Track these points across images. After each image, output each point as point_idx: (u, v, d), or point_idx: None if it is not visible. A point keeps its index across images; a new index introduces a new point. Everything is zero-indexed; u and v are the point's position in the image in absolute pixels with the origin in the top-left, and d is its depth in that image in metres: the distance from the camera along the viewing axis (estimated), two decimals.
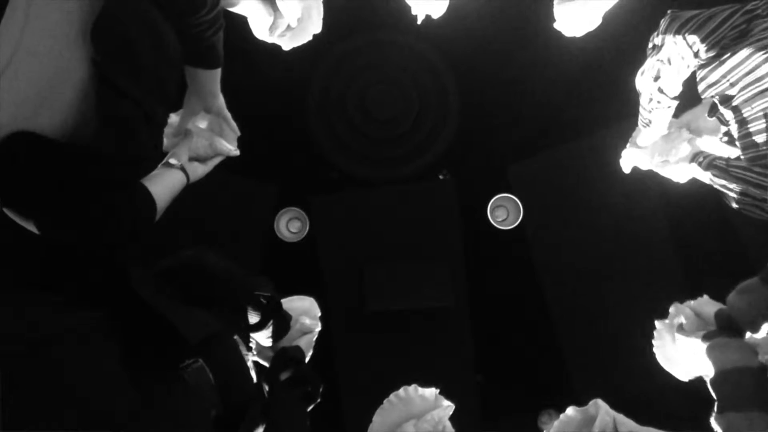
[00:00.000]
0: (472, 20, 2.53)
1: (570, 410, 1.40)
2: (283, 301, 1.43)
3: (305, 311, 1.50)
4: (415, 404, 1.48)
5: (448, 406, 1.47)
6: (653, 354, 1.54)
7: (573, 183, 2.88)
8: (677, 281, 2.79)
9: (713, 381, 1.25)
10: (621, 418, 1.35)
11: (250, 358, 1.21)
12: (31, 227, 0.96)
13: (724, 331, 1.26)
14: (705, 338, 1.33)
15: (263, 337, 1.34)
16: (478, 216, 2.85)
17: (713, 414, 1.21)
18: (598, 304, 2.84)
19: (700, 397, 1.39)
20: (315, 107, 2.90)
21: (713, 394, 1.24)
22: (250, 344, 1.33)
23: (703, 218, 2.73)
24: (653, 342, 1.53)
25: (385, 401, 1.52)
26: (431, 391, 1.51)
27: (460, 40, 2.73)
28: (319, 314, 1.54)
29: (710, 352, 1.29)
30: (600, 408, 1.36)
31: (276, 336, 1.35)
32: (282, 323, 1.38)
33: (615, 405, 1.54)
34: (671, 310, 1.51)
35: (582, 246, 2.86)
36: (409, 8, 1.87)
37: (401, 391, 1.52)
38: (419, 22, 1.86)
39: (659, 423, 1.40)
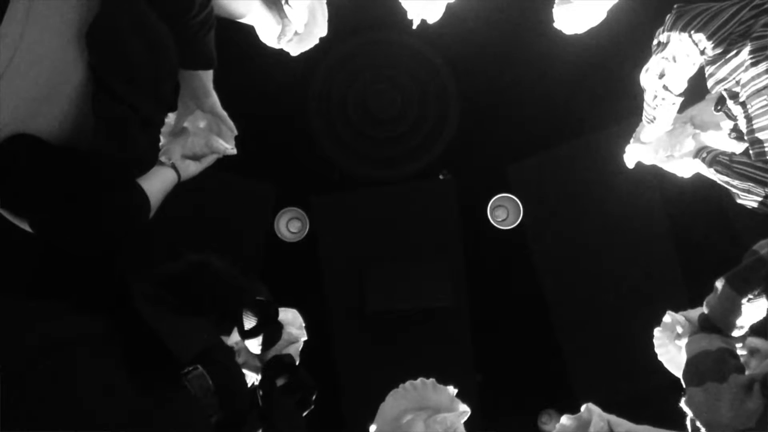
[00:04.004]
0: (472, 20, 2.53)
1: (564, 418, 1.40)
2: None
3: (290, 322, 1.50)
4: (431, 397, 1.46)
5: (463, 412, 1.43)
6: (653, 353, 1.55)
7: (573, 182, 2.87)
8: (677, 280, 2.79)
9: (683, 370, 1.28)
10: (615, 419, 1.36)
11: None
12: (26, 226, 0.97)
13: (704, 330, 1.29)
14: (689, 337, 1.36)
15: (254, 345, 1.33)
16: (478, 216, 2.85)
17: (681, 399, 1.25)
18: (598, 304, 2.83)
19: None
20: (315, 107, 2.90)
21: (683, 383, 1.26)
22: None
23: (703, 217, 2.73)
24: (657, 350, 1.54)
25: (401, 386, 1.50)
26: (450, 390, 1.49)
27: (461, 40, 2.72)
28: (304, 324, 1.54)
29: (686, 347, 1.32)
30: (593, 412, 1.36)
31: (267, 344, 1.34)
32: (275, 331, 1.38)
33: (615, 405, 1.54)
34: (665, 318, 1.51)
35: (582, 245, 2.86)
36: None
37: (418, 382, 1.50)
38: (415, 26, 1.86)
39: (659, 422, 1.41)
